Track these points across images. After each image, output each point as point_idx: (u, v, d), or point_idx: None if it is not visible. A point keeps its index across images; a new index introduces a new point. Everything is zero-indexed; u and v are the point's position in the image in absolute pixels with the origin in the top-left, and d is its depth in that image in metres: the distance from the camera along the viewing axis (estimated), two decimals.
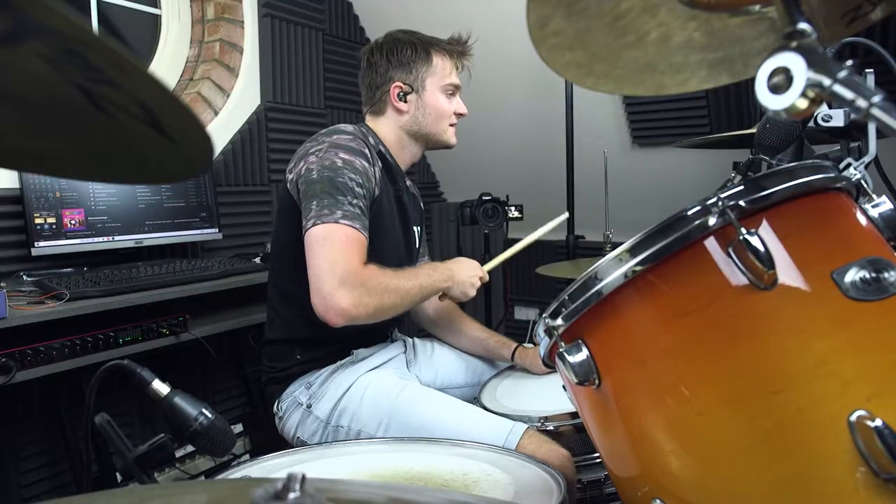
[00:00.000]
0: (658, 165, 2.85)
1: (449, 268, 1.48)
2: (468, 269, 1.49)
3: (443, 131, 1.59)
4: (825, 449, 0.63)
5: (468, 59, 1.61)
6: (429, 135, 1.58)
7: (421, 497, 0.50)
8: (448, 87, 1.57)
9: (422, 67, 1.54)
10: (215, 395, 2.49)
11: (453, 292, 1.47)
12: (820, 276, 0.67)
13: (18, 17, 0.34)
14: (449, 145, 1.62)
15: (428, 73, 1.55)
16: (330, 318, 1.27)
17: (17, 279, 1.87)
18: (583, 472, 1.28)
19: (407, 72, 1.54)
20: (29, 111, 0.45)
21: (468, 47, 1.60)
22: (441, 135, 1.59)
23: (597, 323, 0.76)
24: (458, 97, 1.61)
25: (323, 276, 1.27)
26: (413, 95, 1.55)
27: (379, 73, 1.56)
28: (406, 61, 1.54)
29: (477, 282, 1.49)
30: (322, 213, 1.31)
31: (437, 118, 1.57)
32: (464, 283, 1.47)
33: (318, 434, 1.41)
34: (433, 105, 1.56)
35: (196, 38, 2.65)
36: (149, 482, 0.89)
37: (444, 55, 1.57)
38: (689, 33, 0.77)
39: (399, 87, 1.54)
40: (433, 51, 1.56)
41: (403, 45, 1.55)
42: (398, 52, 1.55)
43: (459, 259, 1.51)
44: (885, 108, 0.50)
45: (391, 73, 1.55)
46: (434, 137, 1.59)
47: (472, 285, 1.48)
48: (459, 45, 1.59)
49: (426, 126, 1.57)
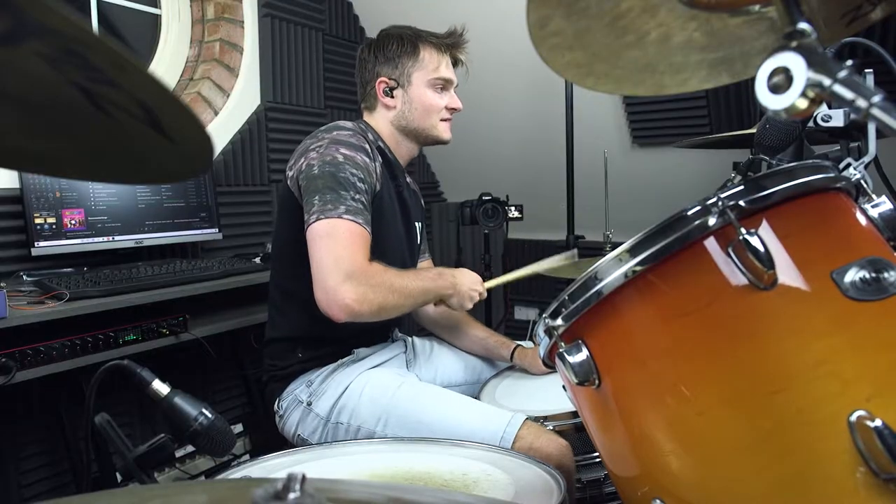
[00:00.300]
0: (658, 165, 2.84)
1: (454, 275, 1.49)
2: (470, 282, 1.50)
3: (432, 126, 1.56)
4: (825, 449, 0.63)
5: (461, 51, 1.58)
6: (417, 129, 1.56)
7: (421, 497, 0.50)
8: (437, 80, 1.54)
9: (408, 62, 1.53)
10: (215, 395, 2.49)
11: (452, 301, 1.48)
12: (820, 276, 0.67)
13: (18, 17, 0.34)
14: (441, 140, 1.59)
15: (414, 67, 1.53)
16: (333, 313, 1.27)
17: (17, 279, 1.87)
18: (582, 472, 1.29)
19: (392, 66, 1.53)
20: (29, 111, 0.45)
21: (459, 39, 1.57)
22: (431, 130, 1.57)
23: (597, 323, 0.76)
24: (452, 92, 1.58)
25: (327, 270, 1.27)
26: (399, 90, 1.54)
27: (367, 68, 1.57)
28: (391, 56, 1.53)
29: (476, 296, 1.51)
30: (325, 208, 1.31)
31: (425, 112, 1.55)
32: (464, 295, 1.48)
33: (318, 431, 1.41)
34: (419, 99, 1.54)
35: (196, 38, 2.65)
36: (149, 482, 0.89)
37: (433, 48, 1.54)
38: (689, 33, 0.77)
39: (384, 83, 1.54)
40: (421, 44, 1.54)
41: (390, 40, 1.54)
42: (384, 48, 1.54)
43: (463, 270, 1.52)
44: (885, 108, 0.50)
45: (378, 69, 1.55)
46: (424, 133, 1.57)
47: (471, 298, 1.50)
48: (450, 38, 1.56)
49: (414, 121, 1.55)
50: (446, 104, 1.56)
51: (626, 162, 2.90)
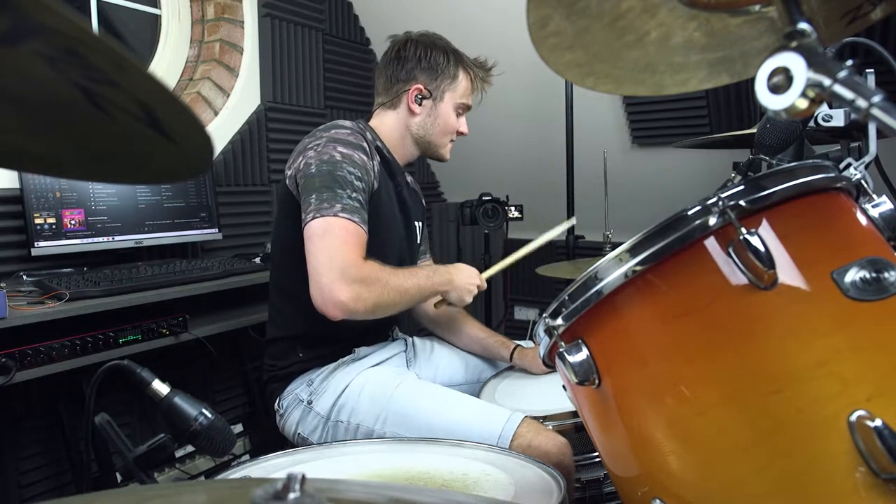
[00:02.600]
0: (658, 165, 2.85)
1: (448, 272, 1.50)
2: (467, 276, 1.51)
3: (443, 145, 1.62)
4: (825, 449, 0.63)
5: (487, 85, 1.65)
6: (429, 143, 1.61)
7: (421, 497, 0.50)
8: (461, 105, 1.60)
9: (446, 79, 1.57)
10: (215, 395, 2.49)
11: (451, 297, 1.49)
12: (820, 275, 0.67)
13: (18, 17, 0.34)
14: (442, 159, 1.66)
15: (450, 86, 1.57)
16: (328, 311, 1.28)
17: (17, 279, 1.87)
18: (582, 472, 1.29)
19: (432, 78, 1.56)
20: (29, 111, 0.45)
21: (491, 74, 1.64)
22: (439, 148, 1.62)
23: (597, 323, 0.76)
24: (464, 118, 1.63)
25: (322, 268, 1.28)
26: (429, 101, 1.56)
27: (406, 68, 1.57)
28: (435, 66, 1.56)
29: (474, 289, 1.51)
30: (321, 206, 1.32)
31: (443, 131, 1.60)
32: (461, 289, 1.49)
33: (318, 430, 1.41)
34: (444, 118, 1.58)
35: (196, 38, 2.65)
36: (149, 482, 0.89)
37: (469, 75, 1.60)
38: (689, 33, 0.77)
39: (419, 90, 1.55)
40: (462, 67, 1.58)
41: (437, 51, 1.57)
42: (431, 55, 1.56)
43: (459, 265, 1.53)
44: (885, 108, 0.50)
45: (417, 73, 1.56)
46: (432, 148, 1.62)
47: (469, 291, 1.50)
48: (485, 71, 1.62)
49: (431, 135, 1.59)
50: (458, 128, 1.62)
51: (626, 162, 2.90)
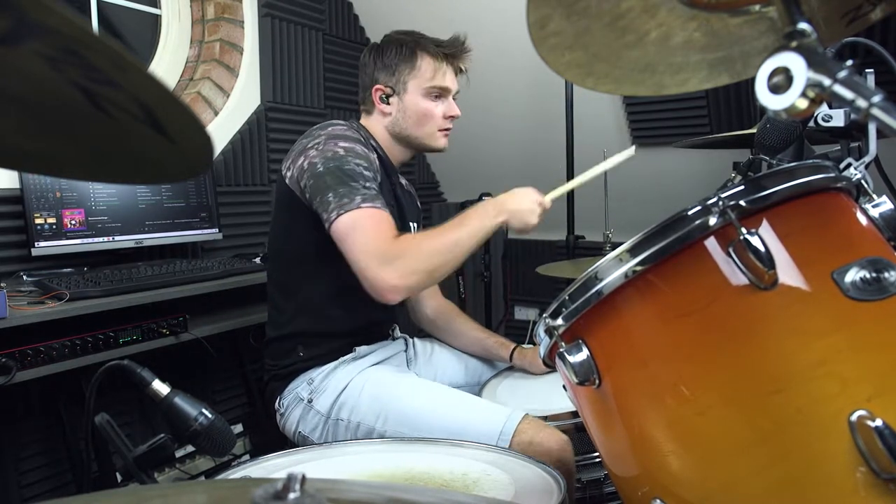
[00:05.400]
0: (658, 165, 2.84)
1: (499, 201, 1.37)
2: (525, 198, 1.37)
3: (428, 135, 1.55)
4: (825, 449, 0.63)
5: (462, 60, 1.56)
6: (411, 137, 1.55)
7: (421, 497, 0.50)
8: (432, 89, 1.52)
9: (404, 69, 1.52)
10: (215, 395, 2.49)
11: (513, 225, 1.36)
12: (820, 275, 0.67)
13: (18, 17, 0.34)
14: (437, 149, 1.58)
15: (410, 75, 1.52)
16: (387, 298, 1.29)
17: (17, 279, 1.86)
18: (582, 472, 1.29)
19: (389, 74, 1.53)
20: (29, 111, 0.45)
21: (460, 48, 1.54)
22: (426, 139, 1.55)
23: (597, 323, 0.76)
24: (451, 99, 1.56)
25: (362, 263, 1.29)
26: (395, 98, 1.54)
27: (367, 73, 1.57)
28: (389, 63, 1.53)
29: (537, 208, 1.36)
30: (342, 202, 1.32)
31: (419, 121, 1.53)
32: (522, 212, 1.35)
33: (318, 428, 1.41)
34: (413, 108, 1.52)
35: (196, 38, 2.65)
36: (149, 482, 0.89)
37: (430, 56, 1.52)
38: (689, 33, 0.77)
39: (380, 90, 1.54)
40: (419, 51, 1.52)
41: (389, 47, 1.54)
42: (383, 54, 1.54)
43: (513, 189, 1.39)
44: (885, 108, 0.50)
45: (375, 75, 1.55)
46: (418, 141, 1.56)
47: (532, 212, 1.35)
48: (450, 46, 1.54)
49: (407, 129, 1.54)
50: (443, 112, 1.54)
51: (626, 162, 2.90)
